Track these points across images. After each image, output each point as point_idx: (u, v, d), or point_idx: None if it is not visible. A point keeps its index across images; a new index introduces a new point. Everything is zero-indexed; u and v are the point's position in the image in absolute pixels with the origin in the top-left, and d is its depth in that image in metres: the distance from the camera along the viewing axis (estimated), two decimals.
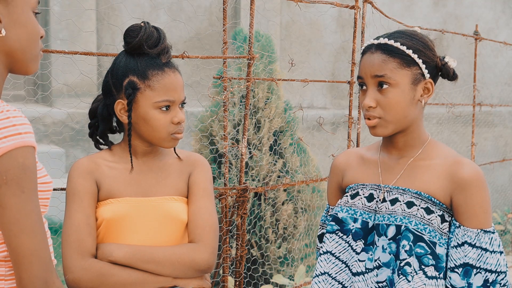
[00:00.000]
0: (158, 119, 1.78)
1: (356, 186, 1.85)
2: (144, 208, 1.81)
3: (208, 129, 3.83)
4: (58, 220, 3.72)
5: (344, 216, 1.82)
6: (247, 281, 3.83)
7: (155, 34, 1.79)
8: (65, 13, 5.80)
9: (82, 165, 1.83)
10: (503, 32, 8.32)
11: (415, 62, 1.71)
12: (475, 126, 5.67)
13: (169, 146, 1.83)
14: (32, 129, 1.32)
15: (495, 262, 1.68)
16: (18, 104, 4.98)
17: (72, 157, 5.75)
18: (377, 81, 1.71)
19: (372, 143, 1.94)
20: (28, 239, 1.29)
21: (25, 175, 1.28)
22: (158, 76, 1.78)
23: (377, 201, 1.78)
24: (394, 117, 1.71)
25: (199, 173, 1.91)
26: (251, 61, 2.77)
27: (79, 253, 1.74)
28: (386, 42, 1.72)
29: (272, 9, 6.44)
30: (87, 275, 1.72)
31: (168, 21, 5.57)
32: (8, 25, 1.35)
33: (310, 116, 4.52)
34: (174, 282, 1.78)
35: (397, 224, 1.72)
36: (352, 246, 1.80)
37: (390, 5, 7.35)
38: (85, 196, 1.79)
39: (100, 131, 1.91)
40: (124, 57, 1.82)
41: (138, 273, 1.75)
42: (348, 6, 3.26)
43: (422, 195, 1.73)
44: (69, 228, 1.76)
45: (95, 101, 1.93)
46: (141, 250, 1.76)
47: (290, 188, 3.96)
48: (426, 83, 1.73)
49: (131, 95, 1.77)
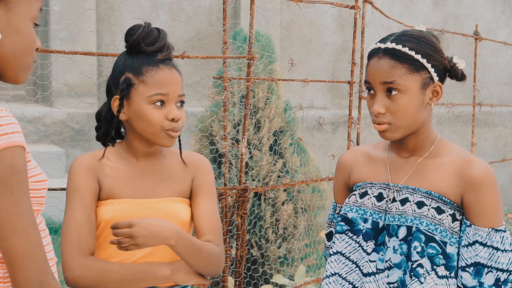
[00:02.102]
0: (151, 113, 1.76)
1: (364, 185, 1.82)
2: (144, 210, 1.80)
3: (208, 129, 3.83)
4: (58, 220, 3.72)
5: (354, 216, 1.80)
6: (247, 281, 3.83)
7: (154, 33, 1.79)
8: (65, 13, 5.80)
9: (84, 161, 1.81)
10: (503, 32, 8.32)
11: (424, 66, 1.68)
12: (475, 126, 5.67)
13: (165, 144, 1.80)
14: (20, 128, 1.29)
15: (506, 261, 1.66)
16: (18, 104, 4.98)
17: (72, 157, 5.74)
18: (386, 87, 1.68)
19: (377, 141, 1.92)
20: (20, 241, 1.27)
21: (13, 176, 1.26)
22: (152, 71, 1.77)
23: (387, 200, 1.76)
24: (404, 122, 1.69)
25: (204, 175, 1.91)
26: (251, 61, 2.77)
27: (79, 251, 1.73)
28: (394, 47, 1.68)
29: (272, 9, 6.44)
30: (87, 274, 1.72)
31: (168, 21, 5.57)
32: (5, 31, 1.35)
33: (310, 116, 4.52)
34: (172, 279, 1.79)
35: (408, 225, 1.70)
36: (363, 246, 1.78)
37: (390, 5, 7.35)
38: (87, 193, 1.78)
39: (102, 133, 1.89)
40: (124, 56, 1.82)
41: (137, 269, 1.75)
42: (348, 6, 3.26)
43: (432, 194, 1.71)
44: (70, 226, 1.76)
45: (103, 104, 1.93)
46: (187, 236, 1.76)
47: (290, 188, 3.96)
48: (435, 86, 1.71)
49: (124, 90, 1.77)
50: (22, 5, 1.37)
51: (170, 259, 1.82)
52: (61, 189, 2.33)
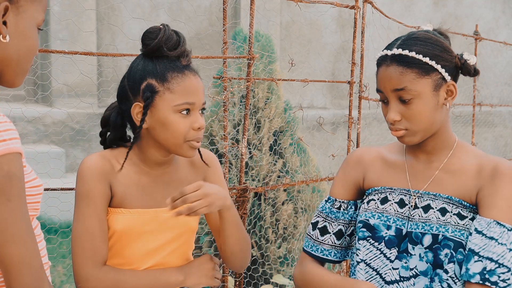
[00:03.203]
0: (178, 123, 1.68)
1: (384, 190, 1.77)
2: (155, 221, 1.77)
3: (208, 129, 3.83)
4: (58, 220, 3.72)
5: (376, 223, 1.74)
6: (247, 281, 3.83)
7: (174, 37, 1.72)
8: (65, 13, 5.81)
9: (96, 164, 1.72)
10: (503, 32, 8.32)
11: (434, 68, 1.64)
12: (475, 126, 5.67)
13: (188, 155, 1.73)
14: (17, 134, 1.29)
15: (499, 251, 1.58)
16: (18, 104, 4.98)
17: (72, 157, 5.75)
18: (398, 94, 1.65)
19: (390, 143, 1.88)
20: (16, 248, 1.27)
21: (11, 183, 1.25)
22: (178, 78, 1.69)
23: (409, 207, 1.72)
24: (421, 126, 1.66)
25: (215, 173, 1.89)
26: (251, 61, 2.77)
27: (94, 262, 1.69)
28: (401, 53, 1.64)
29: (272, 9, 6.44)
30: (102, 285, 1.69)
31: (168, 21, 5.56)
32: (13, 34, 1.36)
33: (310, 116, 4.52)
34: (184, 283, 1.77)
35: (433, 233, 1.66)
36: (386, 254, 1.73)
37: (390, 5, 7.35)
38: (99, 200, 1.71)
39: (110, 139, 1.81)
40: (142, 60, 1.73)
41: (149, 275, 1.74)
42: (348, 6, 3.26)
43: (453, 199, 1.67)
44: (83, 235, 1.69)
45: (108, 109, 1.83)
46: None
47: (290, 188, 3.96)
48: (449, 86, 1.67)
49: (149, 98, 1.68)
50: (31, 10, 1.38)
51: (185, 251, 1.83)
52: (61, 189, 2.33)
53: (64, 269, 4.18)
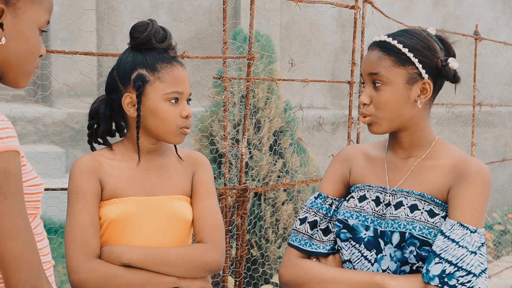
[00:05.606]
0: (168, 111, 1.78)
1: (363, 187, 1.79)
2: (149, 208, 1.80)
3: (208, 129, 3.84)
4: (58, 220, 3.72)
5: (355, 223, 1.75)
6: (247, 281, 3.83)
7: (161, 31, 1.82)
8: (65, 13, 5.81)
9: (85, 163, 1.80)
10: (503, 32, 8.32)
11: (410, 61, 1.67)
12: (475, 126, 5.67)
13: (176, 142, 1.82)
14: (15, 132, 1.30)
15: (458, 255, 1.57)
16: (18, 104, 4.98)
17: (72, 157, 5.75)
18: (372, 78, 1.70)
19: (378, 141, 1.90)
20: (13, 245, 1.27)
21: (7, 181, 1.27)
22: (167, 68, 1.79)
23: (383, 205, 1.73)
24: (385, 115, 1.68)
25: (203, 173, 1.91)
26: (251, 61, 2.77)
27: (85, 254, 1.73)
28: (385, 40, 1.70)
29: (272, 9, 6.44)
30: (93, 277, 1.71)
31: (168, 21, 5.56)
32: (10, 36, 1.36)
33: (310, 116, 4.52)
34: (177, 283, 1.78)
35: (401, 231, 1.66)
36: (367, 256, 1.73)
37: (390, 5, 7.35)
38: (89, 195, 1.77)
39: (101, 131, 1.88)
40: (131, 52, 1.82)
41: (142, 274, 1.75)
42: (348, 6, 3.26)
43: (425, 196, 1.68)
44: (74, 228, 1.75)
45: (95, 101, 1.91)
46: (154, 252, 1.76)
47: (290, 188, 3.96)
48: (424, 83, 1.69)
49: (140, 87, 1.77)
50: (30, 12, 1.38)
51: (180, 241, 1.84)
52: (61, 189, 2.33)
53: (64, 269, 4.19)
